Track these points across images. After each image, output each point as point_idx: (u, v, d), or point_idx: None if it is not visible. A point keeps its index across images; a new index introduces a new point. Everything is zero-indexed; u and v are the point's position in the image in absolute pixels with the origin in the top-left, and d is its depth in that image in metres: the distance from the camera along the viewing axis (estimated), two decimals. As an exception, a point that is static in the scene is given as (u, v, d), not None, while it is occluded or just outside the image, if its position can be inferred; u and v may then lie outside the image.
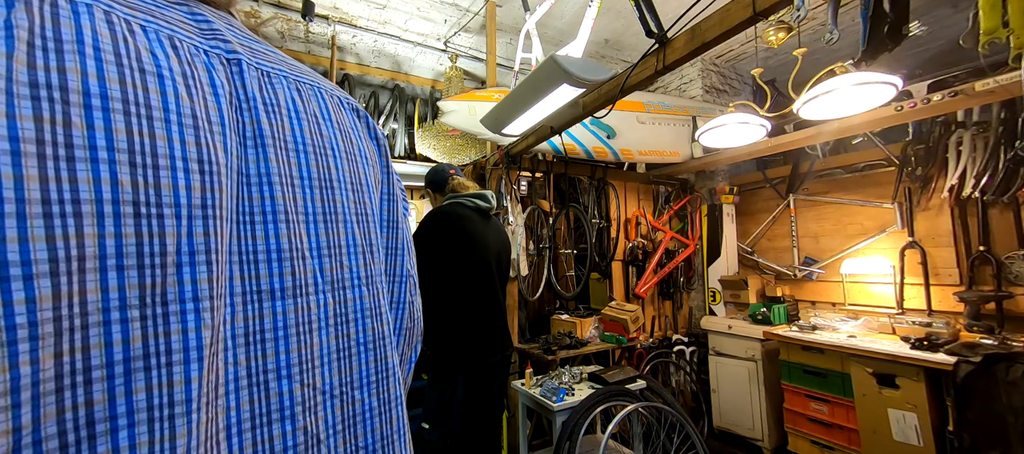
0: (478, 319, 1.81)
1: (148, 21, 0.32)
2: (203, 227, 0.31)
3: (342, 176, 0.42)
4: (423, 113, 3.48)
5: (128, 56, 0.29)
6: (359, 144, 0.46)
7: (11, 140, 0.24)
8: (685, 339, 3.63)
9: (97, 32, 0.28)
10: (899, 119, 2.53)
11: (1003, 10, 1.42)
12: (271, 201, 0.36)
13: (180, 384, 0.28)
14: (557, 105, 1.85)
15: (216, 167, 0.32)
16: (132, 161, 0.28)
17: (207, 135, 0.32)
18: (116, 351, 0.26)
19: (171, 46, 0.32)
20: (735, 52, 3.81)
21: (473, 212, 1.88)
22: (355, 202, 0.43)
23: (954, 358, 2.21)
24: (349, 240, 0.42)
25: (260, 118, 0.37)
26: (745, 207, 3.98)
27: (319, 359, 0.37)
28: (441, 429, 1.73)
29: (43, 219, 0.24)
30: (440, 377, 1.77)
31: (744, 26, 1.40)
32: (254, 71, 0.38)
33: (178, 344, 0.28)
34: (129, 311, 0.27)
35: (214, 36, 0.36)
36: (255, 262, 0.34)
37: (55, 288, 0.24)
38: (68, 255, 0.25)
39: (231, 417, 0.31)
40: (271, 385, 0.33)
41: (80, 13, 0.28)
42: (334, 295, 0.39)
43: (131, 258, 0.27)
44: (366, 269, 0.43)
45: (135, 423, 0.26)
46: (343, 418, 0.38)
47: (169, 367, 0.28)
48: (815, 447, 2.84)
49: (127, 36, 0.30)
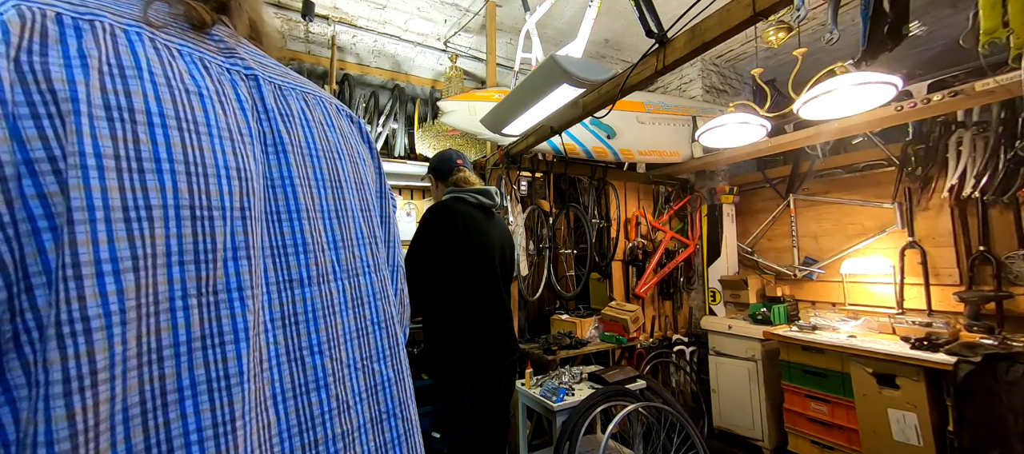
0: (483, 321, 1.73)
1: (183, 45, 0.37)
2: (243, 227, 0.36)
3: (347, 177, 0.48)
4: (423, 113, 3.48)
5: (174, 78, 0.34)
6: (357, 148, 0.52)
7: (96, 156, 0.28)
8: (685, 339, 3.63)
9: (149, 58, 0.33)
10: (899, 119, 2.53)
11: (1003, 10, 1.42)
12: (294, 201, 0.41)
13: (233, 360, 0.33)
14: (557, 105, 1.84)
15: (249, 174, 0.37)
16: (187, 171, 0.32)
17: (241, 146, 0.37)
18: (181, 333, 0.31)
19: (203, 67, 0.37)
20: (735, 52, 3.81)
21: (475, 208, 1.80)
22: (359, 199, 0.49)
23: (954, 358, 2.21)
24: (358, 233, 0.47)
25: (279, 127, 0.42)
26: (745, 207, 3.98)
27: (343, 337, 0.43)
28: (453, 438, 1.69)
29: (124, 223, 0.29)
30: (447, 384, 1.71)
31: (744, 26, 1.40)
32: (268, 85, 0.43)
33: (228, 327, 0.34)
34: (189, 300, 0.32)
35: (231, 55, 0.41)
36: (284, 255, 0.39)
37: (137, 280, 0.29)
38: (144, 252, 0.29)
39: (276, 388, 0.37)
40: (306, 360, 0.39)
41: (134, 41, 0.33)
42: (350, 281, 0.45)
43: (189, 254, 0.32)
44: (372, 258, 0.49)
45: (197, 393, 0.31)
46: (367, 387, 0.44)
47: (222, 346, 0.33)
48: (815, 447, 2.84)
49: (171, 60, 0.35)
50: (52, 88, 0.27)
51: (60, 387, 0.25)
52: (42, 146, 0.27)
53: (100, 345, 0.27)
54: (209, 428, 0.31)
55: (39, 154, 0.27)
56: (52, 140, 0.27)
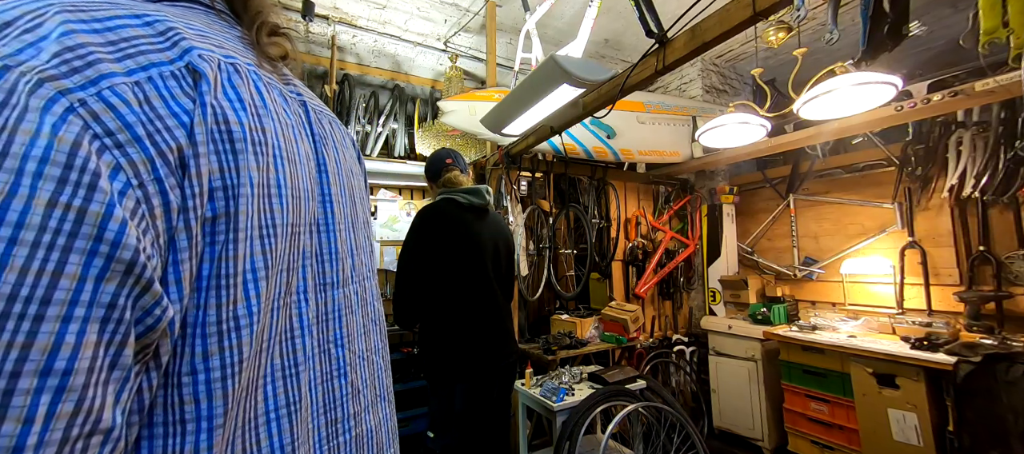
0: (473, 325, 1.71)
1: (271, 79, 0.41)
2: (309, 239, 0.42)
3: (357, 193, 0.54)
4: (423, 113, 3.48)
5: (280, 113, 0.39)
6: (356, 163, 0.58)
7: (250, 186, 0.33)
8: (685, 339, 3.63)
9: (265, 96, 0.38)
10: (899, 119, 2.53)
11: (1003, 10, 1.42)
12: (331, 215, 0.47)
13: (300, 351, 0.40)
14: (557, 105, 1.84)
15: (312, 194, 0.43)
16: (292, 195, 0.38)
17: (310, 170, 0.43)
18: (274, 330, 0.37)
19: (284, 98, 0.42)
20: (735, 52, 3.81)
21: (465, 209, 1.78)
22: (362, 212, 0.55)
23: (954, 358, 2.21)
24: (363, 242, 0.54)
25: (322, 149, 0.47)
26: (745, 207, 3.98)
27: (356, 333, 0.49)
28: (445, 439, 1.70)
29: (260, 240, 0.34)
30: (438, 386, 1.71)
31: (744, 26, 1.40)
32: (312, 110, 0.48)
33: (298, 323, 0.40)
34: (279, 301, 0.37)
35: (288, 81, 0.46)
36: (321, 261, 0.45)
37: (267, 287, 0.35)
38: (267, 264, 0.35)
39: (314, 374, 0.43)
40: (332, 352, 0.45)
41: (256, 81, 0.38)
42: (360, 285, 0.51)
43: (284, 263, 0.38)
44: (370, 264, 0.56)
45: (275, 379, 0.37)
46: (370, 374, 0.51)
47: (292, 340, 0.39)
48: (815, 447, 2.84)
49: (273, 97, 0.39)
50: (230, 130, 0.33)
51: (218, 372, 0.31)
52: (220, 177, 0.32)
53: (246, 339, 0.33)
54: (284, 407, 0.37)
55: (216, 183, 0.32)
56: (228, 172, 0.32)
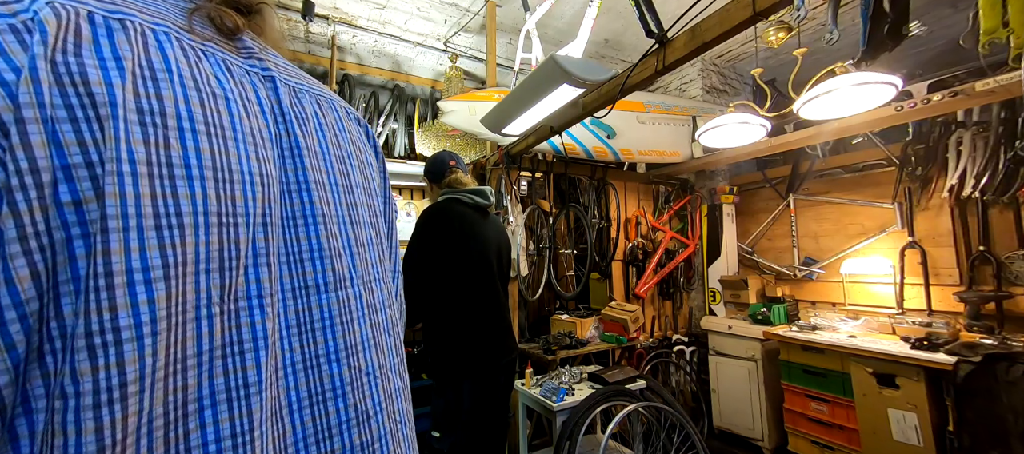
0: (480, 322, 1.74)
1: (206, 46, 0.36)
2: (263, 233, 0.35)
3: (358, 182, 0.47)
4: (423, 113, 3.48)
5: (202, 81, 0.33)
6: (365, 152, 0.51)
7: (130, 163, 0.27)
8: (685, 339, 3.63)
9: (178, 60, 0.32)
10: (899, 119, 2.53)
11: (1003, 10, 1.42)
12: (310, 205, 0.40)
13: (252, 369, 0.33)
14: (557, 105, 1.85)
15: (270, 179, 0.37)
16: (215, 177, 0.32)
17: (263, 151, 0.36)
18: (204, 342, 0.31)
19: (226, 69, 0.36)
20: (735, 52, 3.81)
21: (470, 209, 1.81)
22: (368, 205, 0.48)
23: (954, 358, 2.21)
24: (368, 238, 0.46)
25: (295, 131, 0.41)
26: (745, 207, 3.98)
27: (361, 345, 0.41)
28: (451, 437, 1.70)
29: (156, 231, 0.28)
30: (445, 384, 1.72)
31: (744, 26, 1.40)
32: (284, 87, 0.42)
33: (248, 335, 0.33)
34: (213, 308, 0.31)
35: (250, 55, 0.40)
36: (301, 261, 0.38)
37: (168, 289, 0.28)
38: (175, 261, 0.29)
39: (291, 396, 0.36)
40: (323, 368, 0.38)
41: (163, 43, 0.32)
42: (365, 287, 0.44)
43: (215, 262, 0.31)
44: (380, 264, 0.48)
45: (216, 402, 0.31)
46: (385, 396, 0.43)
47: (242, 355, 0.32)
48: (815, 447, 2.84)
49: (197, 62, 0.34)
50: (90, 91, 0.27)
51: (90, 398, 0.25)
52: (80, 151, 0.26)
53: (131, 356, 0.26)
54: (227, 438, 0.31)
55: (77, 160, 0.26)
56: (90, 146, 0.26)
